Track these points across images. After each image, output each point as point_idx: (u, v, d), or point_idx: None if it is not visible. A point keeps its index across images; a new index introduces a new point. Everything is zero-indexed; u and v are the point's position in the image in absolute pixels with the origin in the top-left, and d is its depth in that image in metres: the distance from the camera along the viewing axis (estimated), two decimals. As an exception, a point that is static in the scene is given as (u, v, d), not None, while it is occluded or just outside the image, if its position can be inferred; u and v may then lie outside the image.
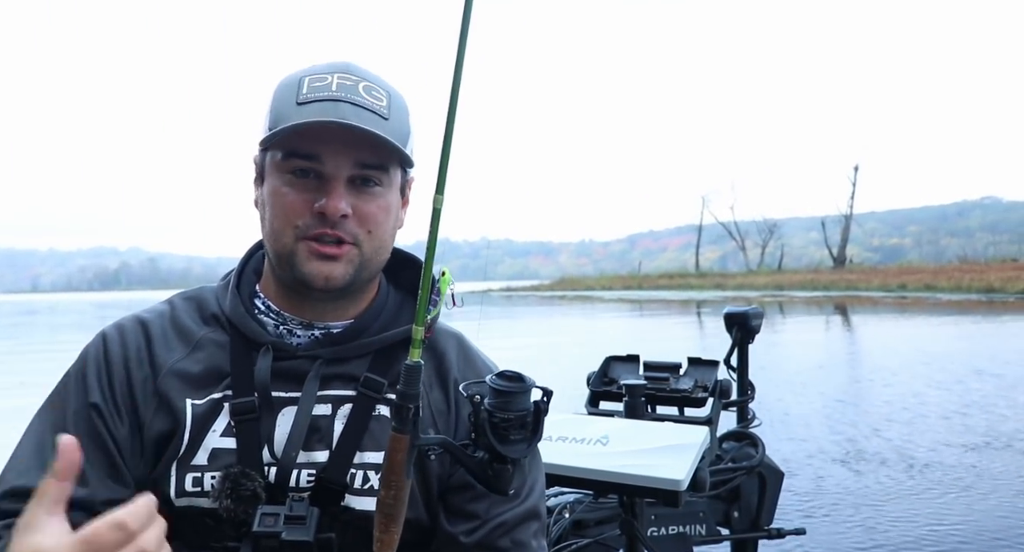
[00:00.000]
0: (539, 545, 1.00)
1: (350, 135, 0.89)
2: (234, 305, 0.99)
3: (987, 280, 31.45)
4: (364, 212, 0.93)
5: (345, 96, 0.90)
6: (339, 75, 0.92)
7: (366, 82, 0.93)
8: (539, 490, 1.03)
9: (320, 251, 0.92)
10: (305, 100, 0.90)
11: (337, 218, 0.90)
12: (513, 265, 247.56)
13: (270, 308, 1.00)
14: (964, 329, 15.50)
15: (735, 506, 2.33)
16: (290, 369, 0.95)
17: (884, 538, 3.65)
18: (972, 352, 10.84)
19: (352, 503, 0.92)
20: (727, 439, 2.41)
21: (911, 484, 4.54)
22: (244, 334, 0.97)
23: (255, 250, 1.07)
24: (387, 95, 0.94)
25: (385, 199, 0.95)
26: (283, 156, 0.92)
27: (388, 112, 0.92)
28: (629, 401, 1.99)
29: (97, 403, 0.92)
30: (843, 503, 4.20)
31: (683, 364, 2.23)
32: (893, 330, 15.64)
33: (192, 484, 0.90)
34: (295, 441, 0.92)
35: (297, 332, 0.99)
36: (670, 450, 1.62)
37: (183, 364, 0.95)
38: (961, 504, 4.14)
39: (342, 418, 0.95)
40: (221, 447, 0.91)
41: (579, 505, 2.05)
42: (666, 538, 2.05)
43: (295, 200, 0.91)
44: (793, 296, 31.93)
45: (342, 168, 0.91)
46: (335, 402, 0.96)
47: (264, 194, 0.95)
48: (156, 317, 0.99)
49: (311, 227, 0.91)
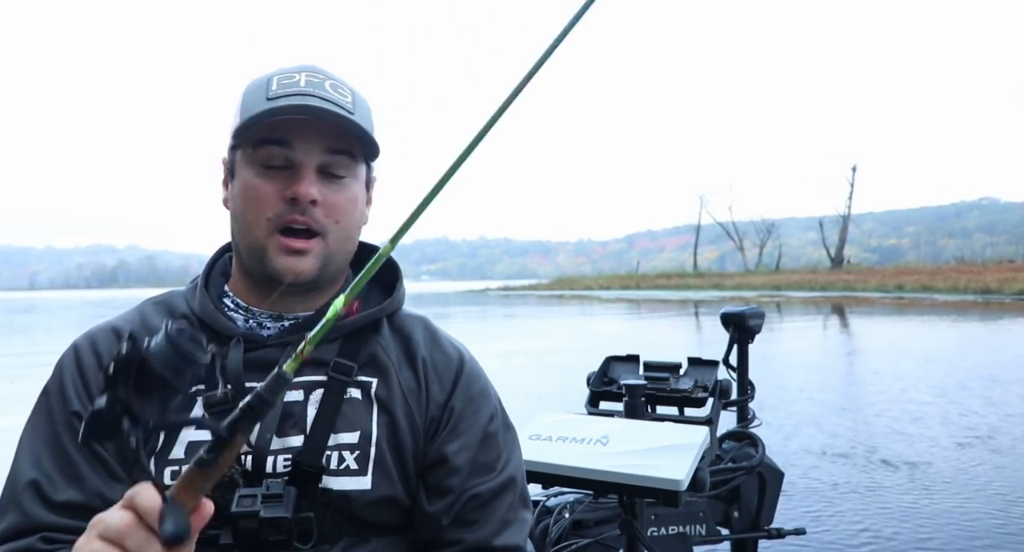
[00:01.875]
0: (516, 517, 1.01)
1: (320, 124, 0.93)
2: (203, 303, 1.01)
3: (984, 281, 31.50)
4: (332, 202, 0.96)
5: (313, 91, 0.94)
6: (307, 74, 0.97)
7: (332, 80, 0.98)
8: (515, 464, 1.04)
9: (289, 245, 0.94)
10: (275, 95, 0.94)
11: (307, 203, 0.93)
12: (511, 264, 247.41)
13: (239, 305, 1.03)
14: (961, 330, 15.53)
15: (735, 506, 2.33)
16: (261, 359, 0.97)
17: (884, 539, 3.65)
18: (968, 353, 10.87)
19: (330, 484, 0.93)
20: (727, 439, 2.41)
21: (910, 486, 4.54)
22: (214, 329, 0.99)
23: (221, 253, 1.10)
24: (351, 93, 0.99)
25: (352, 191, 0.99)
26: (254, 146, 0.95)
27: (353, 108, 0.97)
28: (629, 401, 1.99)
29: (78, 410, 0.93)
30: (844, 503, 4.20)
31: (683, 364, 2.23)
32: (889, 330, 15.66)
33: (171, 477, 0.91)
34: (268, 427, 0.93)
35: (267, 324, 1.01)
36: (670, 450, 1.61)
37: None
38: (961, 505, 4.15)
39: (314, 403, 0.96)
40: (197, 440, 0.93)
41: (579, 505, 2.05)
42: (666, 538, 2.05)
43: (268, 191, 0.94)
44: (790, 296, 31.98)
45: (313, 155, 0.94)
46: (307, 388, 0.97)
47: (235, 189, 0.98)
48: (126, 323, 1.02)
49: (282, 215, 0.94)
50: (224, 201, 1.01)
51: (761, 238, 60.22)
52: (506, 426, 1.07)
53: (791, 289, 37.28)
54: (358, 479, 0.94)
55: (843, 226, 52.56)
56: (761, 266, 57.10)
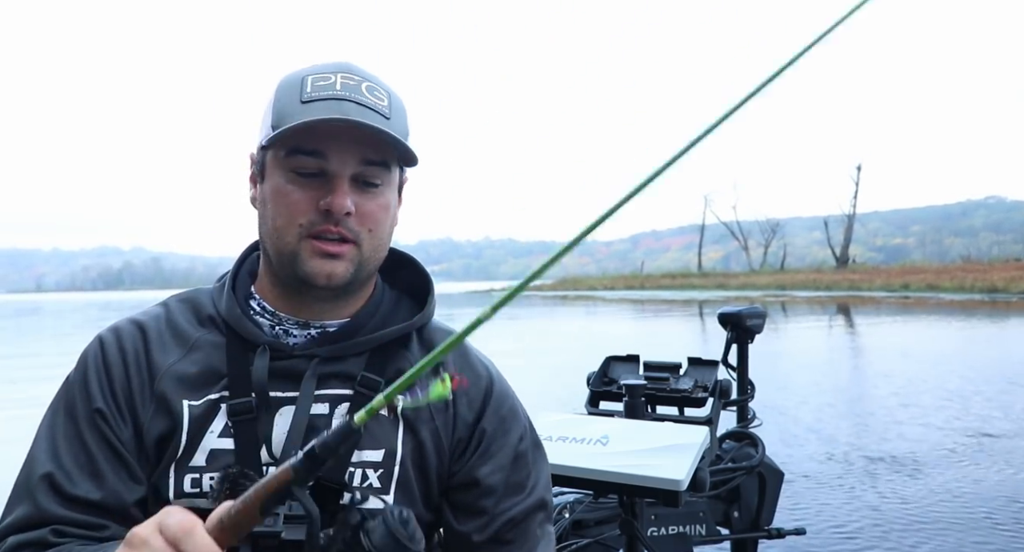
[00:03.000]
0: (543, 532, 1.02)
1: (355, 132, 0.90)
2: (230, 306, 0.99)
3: (990, 280, 31.38)
4: (365, 211, 0.93)
5: (349, 95, 0.91)
6: (342, 75, 0.93)
7: (368, 82, 0.94)
8: (544, 482, 1.04)
9: (323, 249, 0.92)
10: (310, 99, 0.90)
11: (342, 215, 0.91)
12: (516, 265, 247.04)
13: (265, 309, 1.00)
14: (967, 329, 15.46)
15: (735, 506, 2.33)
16: (287, 369, 0.95)
17: (884, 539, 3.64)
18: (975, 353, 10.82)
19: None
20: (727, 439, 2.41)
21: (912, 486, 4.53)
22: (240, 335, 0.97)
23: (249, 252, 1.07)
24: (387, 95, 0.95)
25: (385, 198, 0.96)
26: (287, 153, 0.92)
27: (389, 112, 0.93)
28: (629, 401, 1.99)
29: (101, 409, 0.92)
30: (844, 504, 4.20)
31: (683, 364, 2.23)
32: (894, 330, 15.60)
33: (191, 485, 0.90)
34: (294, 440, 0.91)
35: (293, 332, 0.99)
36: (670, 450, 1.62)
37: (180, 366, 0.95)
38: (965, 506, 4.13)
39: (339, 417, 0.94)
40: (219, 448, 0.91)
41: (579, 505, 2.05)
42: (666, 538, 2.06)
43: (300, 198, 0.91)
44: (795, 296, 31.88)
45: (347, 165, 0.92)
46: (332, 401, 0.95)
47: (265, 192, 0.95)
48: (152, 320, 1.00)
49: (315, 224, 0.91)
50: (252, 199, 0.99)
51: (766, 238, 60.05)
52: (535, 444, 1.05)
53: (796, 289, 37.17)
54: (380, 498, 0.93)
55: (848, 225, 52.35)
56: (766, 266, 56.91)
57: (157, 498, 0.91)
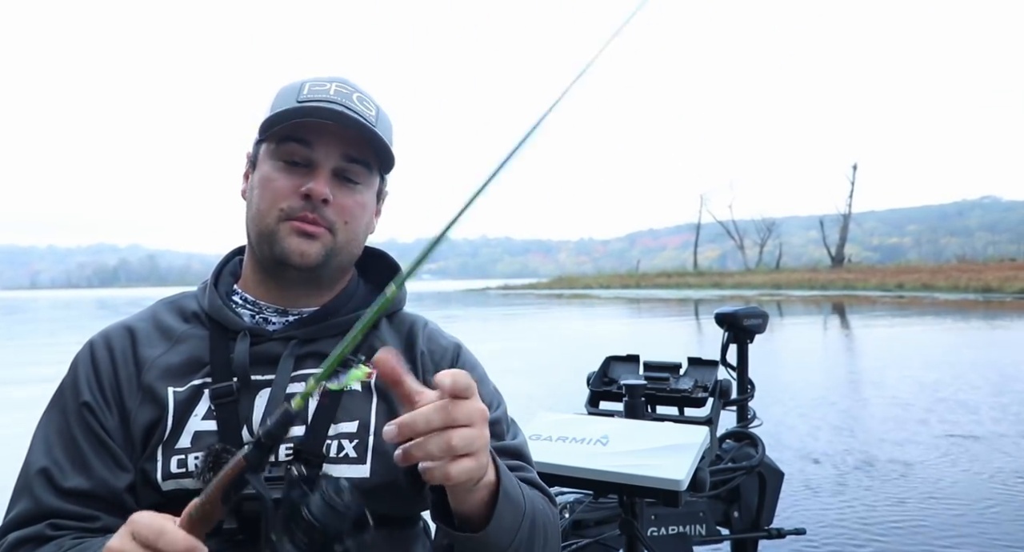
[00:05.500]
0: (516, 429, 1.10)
1: (342, 131, 0.99)
2: (212, 299, 1.05)
3: (985, 280, 31.49)
4: (343, 203, 1.01)
5: (341, 101, 1.00)
6: (336, 84, 1.03)
7: (359, 93, 1.04)
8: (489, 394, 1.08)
9: (299, 228, 0.99)
10: (305, 99, 1.00)
11: (319, 201, 0.99)
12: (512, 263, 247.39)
13: (247, 300, 1.07)
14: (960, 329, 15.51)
15: (735, 506, 2.33)
16: (266, 352, 1.00)
17: (885, 539, 3.65)
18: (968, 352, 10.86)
19: (330, 471, 0.95)
20: (727, 439, 2.41)
21: (910, 486, 4.54)
22: (222, 324, 1.03)
23: (232, 256, 1.15)
24: (376, 108, 1.05)
25: (363, 196, 1.04)
26: (278, 142, 1.00)
27: (376, 122, 1.03)
28: (629, 401, 1.99)
29: (88, 401, 0.97)
30: (843, 503, 4.20)
31: (683, 364, 2.23)
32: (889, 330, 15.64)
33: (177, 466, 0.94)
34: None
35: (272, 319, 1.05)
36: (670, 450, 1.62)
37: (165, 358, 1.01)
38: (961, 506, 4.14)
39: (316, 395, 0.99)
40: (203, 429, 0.95)
41: (579, 505, 2.05)
42: (666, 538, 2.06)
43: (284, 185, 1.00)
44: (791, 295, 31.95)
45: (330, 157, 1.00)
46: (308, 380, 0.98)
47: (254, 181, 1.03)
48: (140, 321, 1.06)
49: (295, 210, 0.99)
50: (242, 192, 1.07)
51: (762, 237, 60.27)
52: (507, 415, 1.11)
53: (791, 288, 37.25)
54: (357, 467, 0.96)
55: (844, 225, 52.54)
56: (762, 265, 57.08)
57: (145, 480, 0.94)
